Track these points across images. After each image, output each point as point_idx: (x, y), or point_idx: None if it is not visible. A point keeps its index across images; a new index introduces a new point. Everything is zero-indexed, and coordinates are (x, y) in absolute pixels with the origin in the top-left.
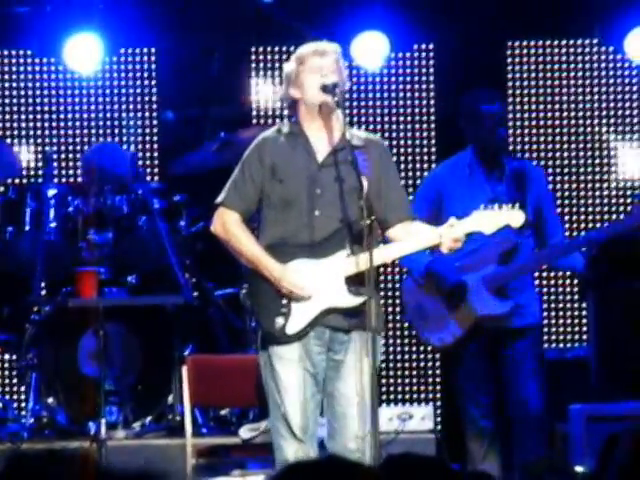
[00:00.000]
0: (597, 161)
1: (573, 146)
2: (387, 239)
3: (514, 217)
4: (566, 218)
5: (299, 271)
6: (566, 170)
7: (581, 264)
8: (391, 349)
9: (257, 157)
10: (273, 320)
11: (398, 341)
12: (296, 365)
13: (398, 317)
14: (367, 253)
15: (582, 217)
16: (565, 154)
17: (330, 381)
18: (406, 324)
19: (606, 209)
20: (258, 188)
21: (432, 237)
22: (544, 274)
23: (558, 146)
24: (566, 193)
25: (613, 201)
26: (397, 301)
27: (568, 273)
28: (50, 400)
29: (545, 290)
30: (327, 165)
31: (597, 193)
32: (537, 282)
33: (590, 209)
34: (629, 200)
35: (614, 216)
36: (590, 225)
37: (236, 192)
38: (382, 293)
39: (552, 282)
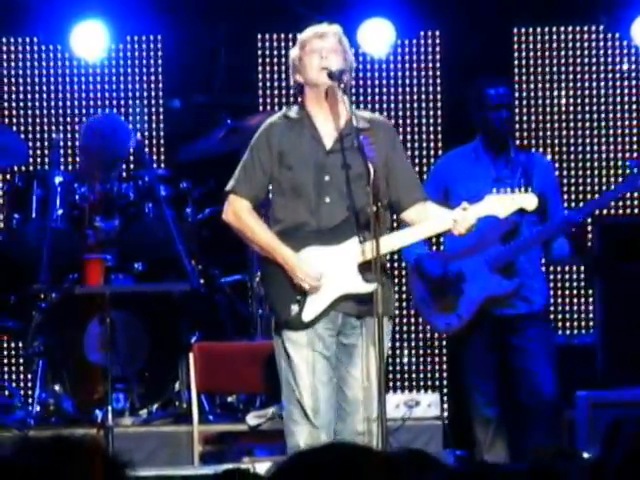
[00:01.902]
0: (603, 147)
1: (579, 132)
2: (403, 222)
3: (527, 200)
4: (572, 205)
5: (312, 259)
6: (572, 157)
7: (567, 251)
8: (398, 336)
9: (265, 143)
10: (288, 307)
11: (405, 328)
12: (310, 349)
13: (405, 304)
14: (379, 239)
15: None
16: (571, 141)
17: (342, 365)
18: (413, 311)
19: None
20: (267, 174)
21: (445, 222)
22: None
23: (564, 132)
24: (572, 180)
25: None
26: (404, 288)
27: None
28: (57, 387)
29: (552, 276)
30: (335, 151)
31: (604, 180)
32: (544, 269)
33: (597, 196)
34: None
35: (620, 202)
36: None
37: (246, 179)
38: None
39: (559, 268)
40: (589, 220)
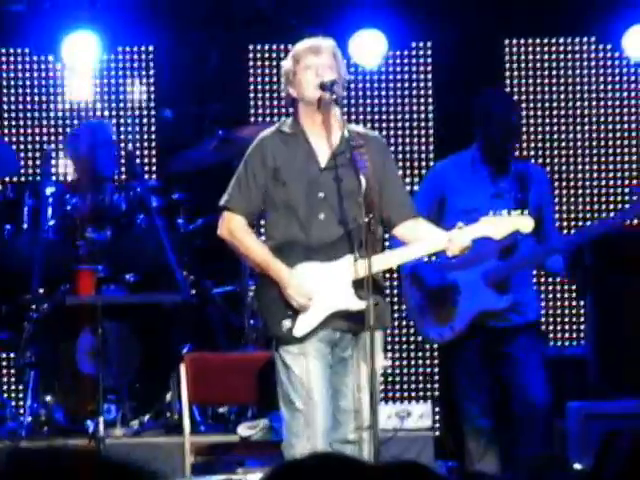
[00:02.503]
0: (595, 159)
1: (571, 144)
2: (394, 239)
3: (523, 222)
4: (564, 216)
5: (306, 275)
6: (564, 168)
7: (561, 266)
8: (390, 347)
9: (259, 158)
10: (280, 323)
11: (397, 339)
12: (308, 360)
13: (397, 315)
14: (374, 256)
15: (580, 215)
16: (563, 152)
17: (338, 376)
18: (404, 322)
19: (604, 207)
20: (261, 190)
21: (440, 242)
22: (542, 272)
23: (556, 144)
24: (564, 191)
25: (611, 199)
26: (395, 299)
27: None
28: (48, 398)
29: (543, 288)
30: (329, 168)
31: (595, 191)
32: (535, 280)
33: (588, 207)
34: (627, 198)
35: (612, 215)
36: (587, 224)
37: (240, 195)
38: None
39: (550, 280)
40: None
